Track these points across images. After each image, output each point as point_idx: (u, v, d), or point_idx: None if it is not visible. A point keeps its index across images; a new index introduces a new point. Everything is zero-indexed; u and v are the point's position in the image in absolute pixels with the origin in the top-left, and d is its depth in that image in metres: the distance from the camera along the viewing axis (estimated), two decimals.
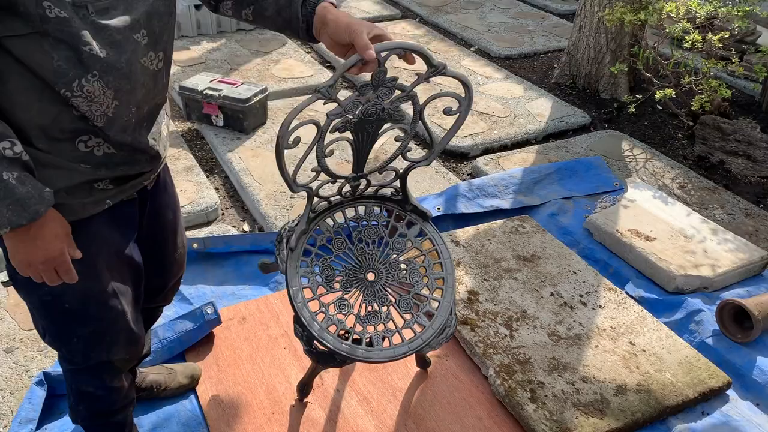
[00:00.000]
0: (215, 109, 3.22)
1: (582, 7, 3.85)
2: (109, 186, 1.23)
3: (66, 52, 1.04)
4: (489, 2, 5.26)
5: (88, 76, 1.07)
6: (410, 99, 1.41)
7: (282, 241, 1.65)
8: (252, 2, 1.31)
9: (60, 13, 1.01)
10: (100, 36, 1.06)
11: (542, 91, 3.84)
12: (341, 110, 1.34)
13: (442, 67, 1.33)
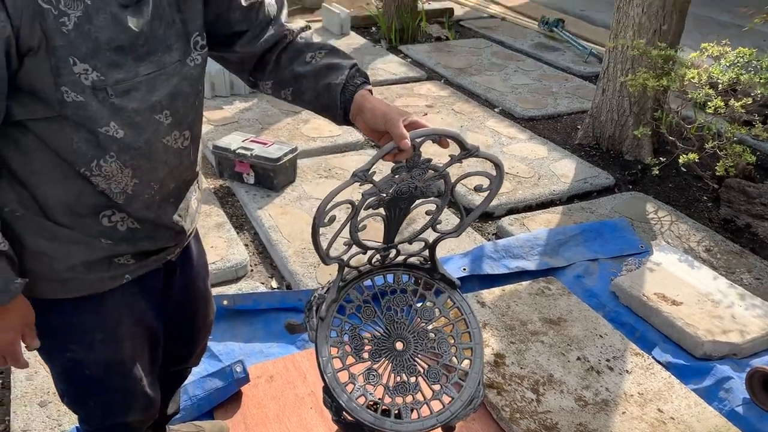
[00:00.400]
0: (247, 167, 3.32)
1: (605, 71, 3.94)
2: (130, 261, 1.24)
3: (84, 134, 1.07)
4: (513, 64, 5.38)
5: (105, 157, 1.10)
6: (443, 178, 1.45)
7: (312, 309, 1.68)
8: (291, 84, 1.30)
9: (77, 98, 1.03)
10: (118, 118, 1.08)
11: (566, 152, 3.89)
12: (376, 190, 1.37)
13: (475, 150, 1.36)
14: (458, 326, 1.66)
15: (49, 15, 0.97)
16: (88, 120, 1.06)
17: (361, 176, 1.29)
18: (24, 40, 0.97)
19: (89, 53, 1.02)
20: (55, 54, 1.00)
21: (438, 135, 1.28)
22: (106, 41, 1.03)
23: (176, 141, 1.20)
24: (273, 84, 1.33)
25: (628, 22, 3.73)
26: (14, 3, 0.94)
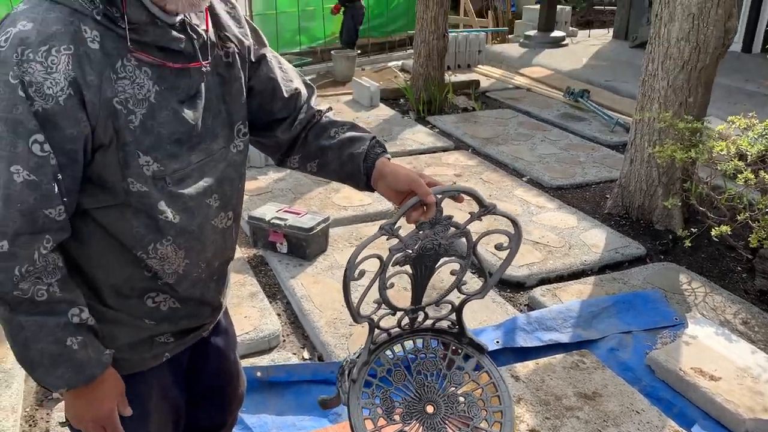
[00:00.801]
0: (280, 237, 3.39)
1: (632, 142, 3.99)
2: (170, 339, 1.29)
3: (144, 220, 1.13)
4: (539, 134, 5.47)
5: (162, 240, 1.16)
6: (464, 236, 1.51)
7: (344, 374, 1.70)
8: (317, 156, 1.39)
9: (141, 188, 1.11)
10: (175, 204, 1.16)
11: (596, 222, 3.90)
12: (402, 245, 1.44)
13: (492, 207, 1.44)
14: (488, 390, 1.66)
15: (120, 114, 1.06)
16: (149, 207, 1.13)
17: (388, 229, 1.35)
18: (98, 137, 1.05)
19: (151, 146, 1.10)
20: (124, 149, 1.08)
21: (457, 191, 1.36)
22: (167, 135, 1.12)
23: (222, 221, 1.27)
24: (300, 158, 1.42)
25: (653, 95, 3.80)
26: (93, 104, 1.03)
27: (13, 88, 0.98)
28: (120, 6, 1.05)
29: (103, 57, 1.04)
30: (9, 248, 1.01)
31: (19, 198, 1.00)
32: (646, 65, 3.84)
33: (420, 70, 6.22)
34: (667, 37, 3.67)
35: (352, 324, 2.83)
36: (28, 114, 0.99)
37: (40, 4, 1.03)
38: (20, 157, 0.99)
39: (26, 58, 0.98)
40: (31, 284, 1.04)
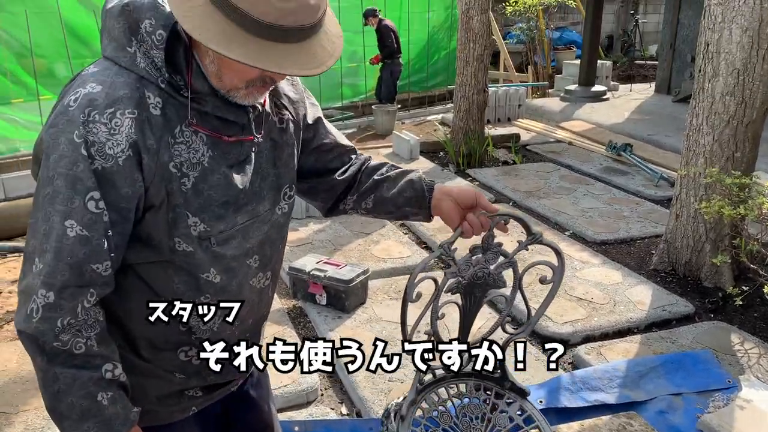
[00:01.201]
0: (320, 288, 3.39)
1: (677, 197, 3.91)
2: (198, 393, 1.29)
3: (185, 278, 1.16)
4: (581, 188, 5.42)
5: (201, 298, 1.18)
6: (511, 266, 1.55)
7: (389, 416, 1.69)
8: (372, 191, 1.42)
9: (187, 248, 1.13)
10: (217, 264, 1.18)
11: (641, 278, 3.81)
12: (456, 269, 1.47)
13: (539, 235, 1.49)
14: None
15: (174, 177, 1.10)
16: (192, 266, 1.15)
17: (446, 247, 1.40)
18: (150, 197, 1.09)
19: (200, 208, 1.13)
20: (174, 210, 1.11)
21: (508, 216, 1.43)
22: (216, 198, 1.14)
23: (260, 281, 1.29)
24: (355, 198, 1.44)
25: (699, 150, 3.74)
26: (149, 168, 1.07)
27: (77, 146, 1.02)
28: (185, 76, 1.09)
29: (164, 123, 1.08)
30: (55, 300, 1.03)
31: (70, 252, 1.03)
32: (691, 120, 3.80)
33: (460, 124, 6.27)
34: (712, 92, 3.64)
35: (391, 380, 2.79)
36: (88, 172, 1.02)
37: (110, 68, 1.08)
38: (75, 212, 1.03)
39: (92, 118, 1.02)
40: (71, 336, 1.05)
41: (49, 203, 1.03)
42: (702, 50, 3.67)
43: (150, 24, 1.07)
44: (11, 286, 3.80)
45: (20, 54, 5.89)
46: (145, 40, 1.07)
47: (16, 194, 5.41)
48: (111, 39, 1.10)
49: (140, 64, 1.07)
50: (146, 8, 1.08)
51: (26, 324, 1.04)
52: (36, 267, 1.04)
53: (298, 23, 1.00)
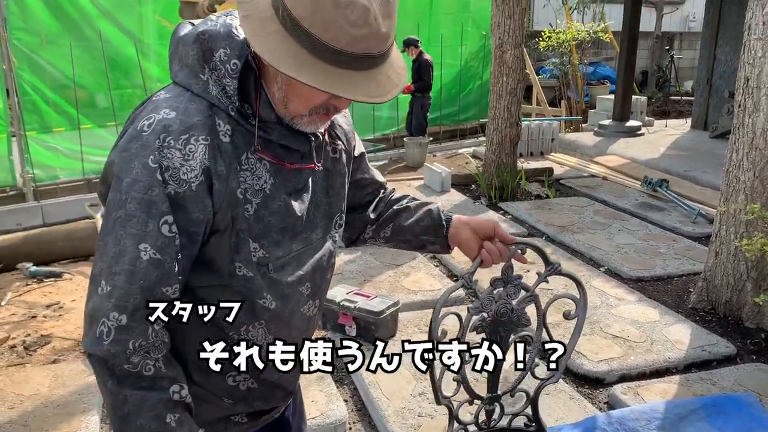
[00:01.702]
0: (349, 319, 3.36)
1: (717, 234, 3.81)
2: (244, 419, 1.30)
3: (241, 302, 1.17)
4: (616, 223, 5.33)
5: (255, 323, 1.20)
6: (533, 300, 1.55)
7: None
8: (392, 220, 1.47)
9: (247, 273, 1.15)
10: (273, 290, 1.19)
11: (679, 317, 3.70)
12: (479, 304, 1.48)
13: (557, 265, 1.51)
14: None
15: (240, 203, 1.12)
16: (250, 291, 1.17)
17: (467, 278, 1.44)
18: (217, 222, 1.11)
19: (260, 234, 1.15)
20: (238, 235, 1.13)
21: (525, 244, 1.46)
22: (275, 224, 1.17)
23: (309, 309, 1.30)
24: (375, 228, 1.48)
25: (739, 186, 3.66)
26: (219, 193, 1.09)
27: (152, 171, 1.04)
28: (253, 104, 1.12)
29: (232, 150, 1.11)
30: (127, 322, 1.04)
31: (143, 275, 1.05)
32: (730, 155, 3.72)
33: (492, 157, 6.25)
34: (752, 127, 3.57)
35: (420, 414, 2.73)
36: (163, 196, 1.04)
37: (182, 94, 1.11)
38: (150, 235, 1.05)
39: (167, 144, 1.05)
40: (141, 358, 1.06)
41: (121, 226, 1.05)
42: (742, 85, 3.61)
43: (225, 53, 1.10)
44: (46, 310, 3.85)
45: (63, 84, 6.07)
46: (218, 68, 1.10)
47: (54, 220, 5.52)
48: (183, 65, 1.12)
49: (212, 92, 1.10)
50: (221, 37, 1.11)
51: (97, 346, 1.05)
52: (103, 289, 1.05)
53: (368, 51, 1.03)
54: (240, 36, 1.11)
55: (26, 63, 5.82)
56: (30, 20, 5.82)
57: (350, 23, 1.00)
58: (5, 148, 5.84)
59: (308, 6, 1.00)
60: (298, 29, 1.01)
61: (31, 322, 3.69)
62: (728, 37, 8.35)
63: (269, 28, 1.02)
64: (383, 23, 1.03)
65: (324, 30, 1.00)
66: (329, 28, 1.00)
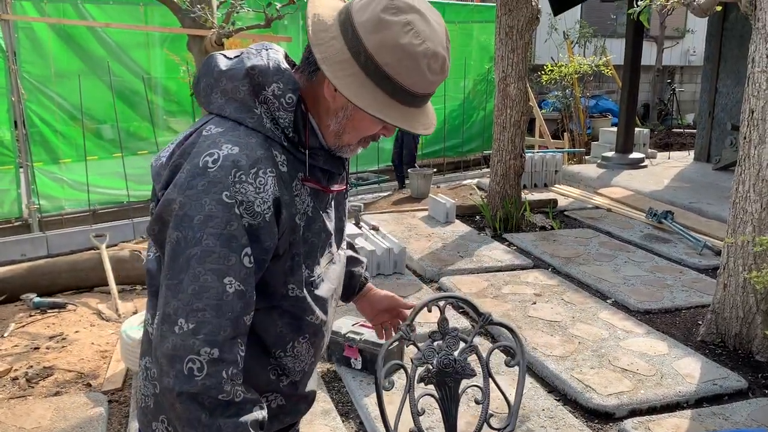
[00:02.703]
0: (355, 352, 3.32)
1: (725, 266, 3.79)
2: None
3: (289, 320, 1.23)
4: (622, 255, 5.31)
5: (300, 339, 1.26)
6: (474, 351, 1.61)
7: None
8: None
9: (300, 293, 1.21)
10: (319, 306, 1.26)
11: (688, 350, 3.65)
12: (421, 355, 1.57)
13: (488, 315, 1.58)
14: None
15: (297, 228, 1.18)
16: (300, 310, 1.23)
17: (405, 330, 1.55)
18: (278, 248, 1.16)
19: (306, 254, 1.21)
20: (293, 258, 1.19)
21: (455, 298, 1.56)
22: (317, 244, 1.24)
23: (333, 320, 1.42)
24: None
25: (746, 218, 3.64)
26: (285, 219, 1.15)
27: (228, 206, 1.08)
28: (302, 135, 1.19)
29: (289, 178, 1.17)
30: (219, 354, 1.07)
31: (231, 307, 1.08)
32: (737, 187, 3.72)
33: (496, 188, 6.26)
34: (758, 159, 3.57)
35: None
36: (242, 229, 1.09)
37: (236, 128, 1.15)
38: (233, 269, 1.08)
39: (239, 179, 1.08)
40: (232, 386, 1.08)
41: (199, 263, 1.07)
42: (747, 117, 3.62)
43: (278, 87, 1.15)
44: (49, 341, 3.82)
45: (71, 116, 6.13)
46: (270, 101, 1.15)
47: (58, 251, 5.52)
48: (231, 99, 1.16)
49: (266, 125, 1.15)
50: (272, 72, 1.16)
51: (189, 384, 1.05)
52: (183, 327, 1.06)
53: (433, 91, 1.17)
54: (290, 70, 1.18)
55: (35, 95, 5.89)
56: (40, 53, 5.90)
57: (432, 72, 1.12)
58: (13, 180, 5.88)
59: (395, 55, 1.09)
60: (381, 74, 1.10)
61: (33, 354, 3.66)
62: (729, 71, 8.42)
63: (348, 71, 1.10)
64: (448, 67, 1.17)
65: (407, 77, 1.11)
66: (413, 75, 1.11)
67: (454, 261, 5.13)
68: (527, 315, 4.09)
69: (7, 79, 5.67)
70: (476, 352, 1.61)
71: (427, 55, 1.10)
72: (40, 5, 5.83)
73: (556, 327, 3.91)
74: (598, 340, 3.73)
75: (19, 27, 5.69)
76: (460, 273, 4.90)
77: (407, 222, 6.32)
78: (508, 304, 4.26)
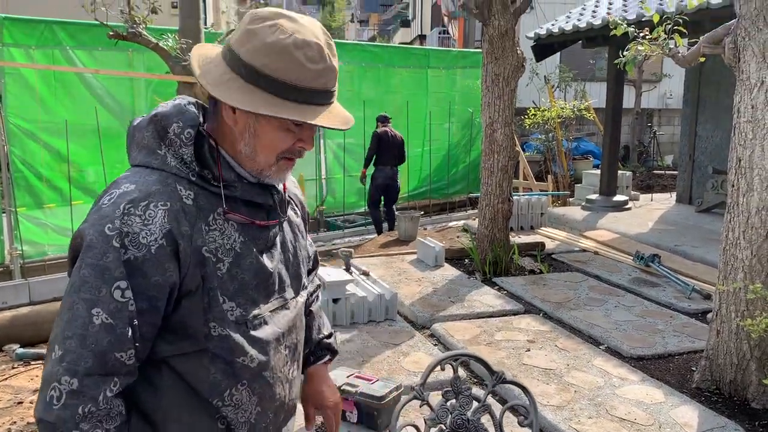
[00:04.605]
0: (350, 405, 3.26)
1: (717, 313, 3.80)
2: None
3: (222, 365, 1.18)
4: (612, 299, 5.32)
5: (237, 386, 1.20)
6: (487, 410, 1.58)
7: None
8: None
9: (222, 332, 1.17)
10: (252, 348, 1.21)
11: (684, 397, 3.64)
12: (435, 415, 1.55)
13: (501, 374, 1.57)
14: None
15: (209, 262, 1.15)
16: (228, 351, 1.18)
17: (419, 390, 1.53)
18: (186, 284, 1.13)
19: (236, 292, 1.18)
20: (209, 294, 1.15)
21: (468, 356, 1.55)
22: (249, 281, 1.20)
23: (290, 372, 1.33)
24: None
25: (737, 265, 3.68)
26: (185, 252, 1.12)
27: (108, 238, 1.08)
28: (213, 169, 1.19)
29: (197, 211, 1.16)
30: (78, 387, 1.05)
31: (95, 339, 1.06)
32: (726, 234, 3.76)
33: (485, 232, 6.28)
34: (747, 207, 3.62)
35: None
36: (117, 262, 1.08)
37: (142, 171, 1.17)
38: (102, 300, 1.07)
39: (127, 211, 1.10)
40: (91, 426, 1.06)
41: (75, 292, 1.08)
42: (734, 165, 3.69)
43: (178, 126, 1.18)
44: (33, 395, 3.71)
45: (56, 160, 6.08)
46: (173, 141, 1.17)
47: (41, 298, 5.40)
48: (140, 147, 1.20)
49: (171, 163, 1.17)
50: (173, 114, 1.20)
51: (46, 412, 1.05)
52: (56, 354, 1.06)
53: (327, 86, 1.16)
54: (190, 109, 1.21)
55: (20, 140, 5.84)
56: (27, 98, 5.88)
57: (310, 60, 1.13)
58: None
59: (267, 55, 1.12)
60: (261, 77, 1.12)
61: (17, 409, 3.54)
62: (708, 116, 8.63)
63: (234, 85, 1.14)
64: (333, 59, 1.17)
65: (287, 72, 1.12)
66: (292, 68, 1.12)
67: (445, 306, 5.10)
68: (522, 363, 4.05)
69: None
70: (489, 412, 1.59)
71: (297, 44, 1.12)
72: (29, 51, 5.83)
73: (552, 375, 3.88)
74: (594, 389, 3.70)
75: (6, 72, 5.68)
76: (452, 319, 4.87)
77: (396, 266, 6.30)
78: (502, 351, 4.23)
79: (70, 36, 6.02)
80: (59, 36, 5.96)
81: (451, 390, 1.55)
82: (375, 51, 9.26)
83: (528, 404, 1.65)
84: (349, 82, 8.50)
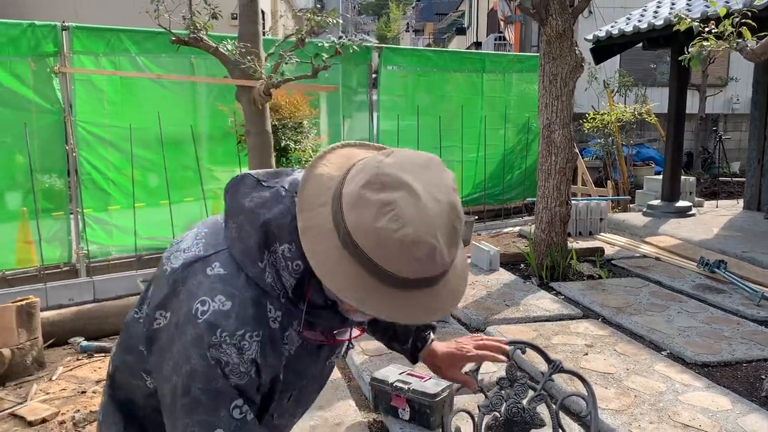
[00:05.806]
0: (403, 402, 3.23)
1: None
2: None
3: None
4: (674, 305, 5.13)
5: None
6: (543, 400, 1.54)
7: None
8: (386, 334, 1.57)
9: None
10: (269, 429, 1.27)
11: (753, 406, 3.46)
12: (489, 402, 1.52)
13: (559, 363, 1.52)
14: None
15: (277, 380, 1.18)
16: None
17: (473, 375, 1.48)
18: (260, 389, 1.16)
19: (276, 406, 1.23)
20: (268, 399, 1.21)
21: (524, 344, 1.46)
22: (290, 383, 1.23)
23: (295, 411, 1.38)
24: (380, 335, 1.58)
25: None
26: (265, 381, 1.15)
27: (211, 366, 1.06)
28: (304, 291, 1.12)
29: (280, 332, 1.14)
30: None
31: None
32: None
33: (542, 236, 6.16)
34: None
35: None
36: (227, 387, 1.07)
37: (237, 275, 1.10)
38: (222, 421, 1.08)
39: (224, 340, 1.06)
40: None
41: (187, 414, 1.08)
42: None
43: (289, 249, 1.09)
44: (95, 386, 3.83)
45: (122, 163, 6.29)
46: (279, 261, 1.10)
47: (105, 296, 5.59)
48: (241, 240, 1.12)
49: (267, 279, 1.10)
50: (288, 231, 1.09)
51: None
52: None
53: (429, 274, 1.01)
54: None
55: (88, 144, 6.07)
56: (95, 104, 6.11)
57: (416, 259, 0.98)
58: (65, 226, 6.01)
59: (369, 239, 0.98)
60: (361, 254, 0.99)
61: (80, 398, 3.66)
62: None
63: (325, 244, 1.01)
64: (448, 254, 1.01)
65: (387, 261, 0.98)
66: (393, 261, 0.98)
67: (500, 310, 5.02)
68: (579, 366, 3.94)
69: (62, 130, 5.87)
70: (546, 402, 1.54)
71: (406, 243, 0.96)
72: (97, 59, 6.06)
73: (610, 379, 3.76)
74: (656, 394, 3.56)
75: (75, 79, 5.92)
76: (506, 322, 4.79)
77: None
78: (558, 354, 4.13)
79: (136, 43, 6.22)
80: (125, 43, 6.17)
81: (506, 378, 1.53)
82: (430, 56, 9.24)
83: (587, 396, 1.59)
84: (402, 87, 8.51)
